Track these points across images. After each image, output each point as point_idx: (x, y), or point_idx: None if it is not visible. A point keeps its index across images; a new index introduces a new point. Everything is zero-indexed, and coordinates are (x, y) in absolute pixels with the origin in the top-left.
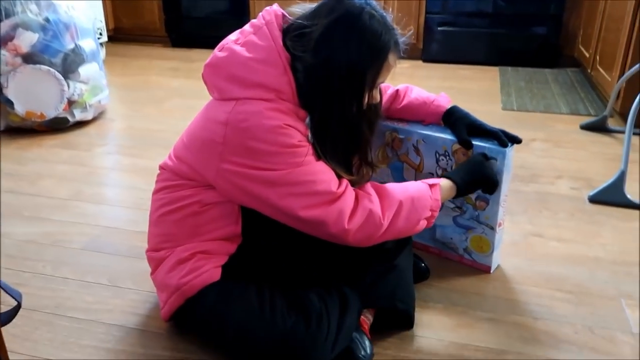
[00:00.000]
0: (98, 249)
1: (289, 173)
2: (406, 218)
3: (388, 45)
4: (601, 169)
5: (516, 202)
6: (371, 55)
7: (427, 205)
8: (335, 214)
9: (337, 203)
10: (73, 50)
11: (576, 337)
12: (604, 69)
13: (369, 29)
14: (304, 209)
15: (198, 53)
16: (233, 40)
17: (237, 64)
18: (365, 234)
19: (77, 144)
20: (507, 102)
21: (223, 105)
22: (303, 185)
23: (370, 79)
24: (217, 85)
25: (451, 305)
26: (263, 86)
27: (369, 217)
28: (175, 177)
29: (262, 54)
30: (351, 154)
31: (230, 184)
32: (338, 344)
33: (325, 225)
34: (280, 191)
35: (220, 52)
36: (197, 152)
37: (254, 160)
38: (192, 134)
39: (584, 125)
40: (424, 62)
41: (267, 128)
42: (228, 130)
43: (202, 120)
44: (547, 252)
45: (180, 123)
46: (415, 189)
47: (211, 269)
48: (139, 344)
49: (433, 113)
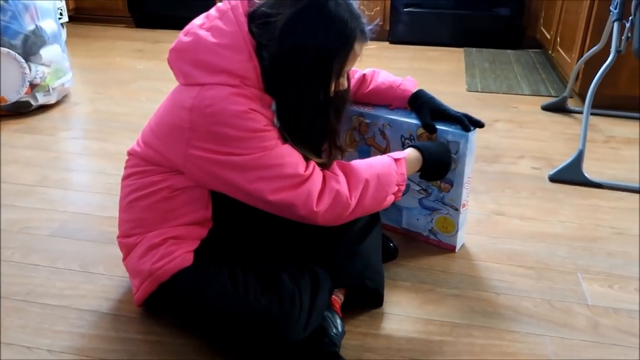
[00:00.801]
0: (67, 235)
1: (256, 157)
2: (373, 195)
3: (354, 33)
4: (561, 148)
5: (480, 182)
6: (338, 44)
7: (393, 181)
8: (304, 196)
9: (305, 185)
10: (33, 31)
11: (536, 310)
12: (564, 51)
13: (335, 17)
14: (273, 192)
15: (163, 34)
16: (198, 25)
17: (203, 50)
18: (334, 214)
19: (41, 129)
20: (471, 84)
21: (188, 91)
22: (271, 169)
23: (337, 67)
24: (182, 70)
25: (418, 283)
26: (228, 72)
27: (337, 197)
28: (144, 163)
29: (228, 39)
30: (319, 140)
31: (198, 169)
32: (311, 322)
33: (295, 207)
34: (248, 176)
35: (185, 36)
36: (164, 138)
37: (221, 146)
38: (159, 120)
39: (545, 105)
40: (390, 44)
41: (232, 113)
42: (194, 115)
43: (169, 105)
44: (509, 230)
45: (146, 105)
46: (380, 165)
47: (183, 254)
48: (113, 328)
49: (399, 97)
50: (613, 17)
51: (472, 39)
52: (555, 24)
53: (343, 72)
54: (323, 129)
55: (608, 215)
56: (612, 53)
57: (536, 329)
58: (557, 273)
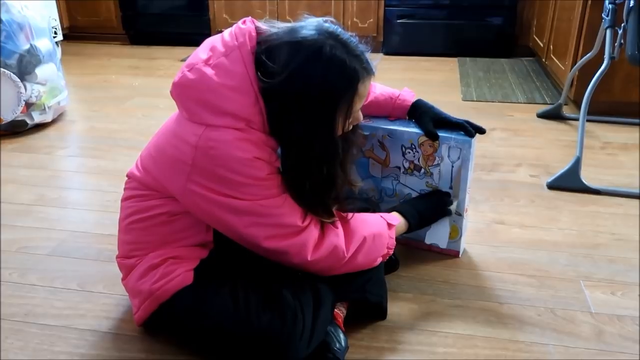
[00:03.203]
0: (65, 253)
1: (255, 204)
2: (366, 254)
3: (356, 73)
4: (558, 155)
5: (479, 191)
6: (340, 85)
7: (384, 243)
8: (298, 246)
9: (301, 235)
10: (28, 50)
11: (539, 319)
12: (558, 58)
13: (333, 60)
14: (268, 239)
15: (158, 50)
16: (203, 61)
17: (207, 90)
18: (327, 266)
19: (38, 147)
20: (466, 93)
21: (193, 127)
22: (268, 217)
23: (343, 108)
24: (186, 107)
25: (420, 294)
26: (233, 115)
27: (334, 251)
28: (143, 187)
29: (234, 80)
30: (324, 193)
31: (194, 203)
32: (314, 339)
33: (288, 255)
34: (244, 220)
35: (189, 72)
36: (164, 168)
37: (221, 187)
38: (160, 148)
39: (541, 113)
40: (385, 55)
41: (236, 159)
42: (197, 154)
43: (171, 135)
44: (509, 239)
45: (143, 122)
46: (377, 226)
47: (183, 273)
48: (114, 348)
49: (399, 107)
50: (605, 24)
51: (466, 48)
52: (547, 32)
53: (351, 113)
54: (329, 180)
55: (607, 221)
56: (605, 60)
57: (540, 338)
58: (559, 281)
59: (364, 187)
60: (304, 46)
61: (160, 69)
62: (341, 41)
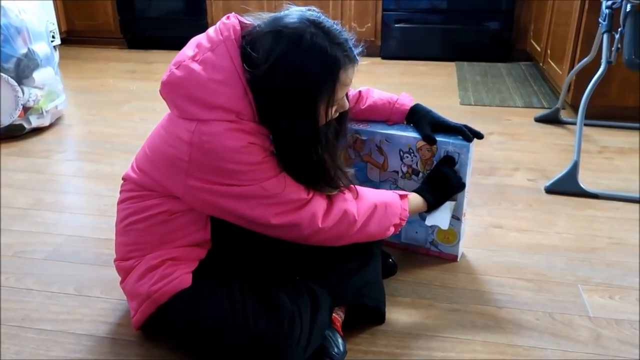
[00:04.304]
0: (62, 258)
1: (257, 187)
2: (378, 222)
3: (337, 61)
4: (555, 159)
5: (476, 195)
6: (321, 73)
7: (397, 213)
8: (308, 217)
9: (308, 206)
10: (26, 54)
11: (537, 323)
12: (555, 62)
13: (313, 48)
14: (277, 216)
15: (155, 54)
16: (190, 57)
17: (196, 85)
18: (338, 233)
19: (35, 151)
20: (464, 97)
21: (185, 124)
22: (273, 197)
23: (325, 96)
24: (176, 104)
25: (418, 298)
26: (223, 108)
27: (344, 216)
28: (140, 188)
29: (221, 74)
30: (319, 172)
31: (197, 198)
32: (311, 343)
33: (300, 227)
34: (250, 203)
35: (177, 69)
36: (162, 167)
37: (222, 178)
38: (155, 147)
39: (538, 117)
40: (382, 59)
41: (231, 149)
42: (193, 150)
43: (165, 133)
44: (507, 243)
45: (141, 126)
46: (387, 196)
47: (182, 275)
48: (111, 353)
49: (397, 112)
50: (602, 28)
51: (463, 53)
52: (545, 37)
53: (334, 101)
54: (320, 161)
55: (604, 225)
56: (602, 64)
57: (539, 342)
58: (556, 285)
59: None
60: (285, 35)
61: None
62: (323, 29)
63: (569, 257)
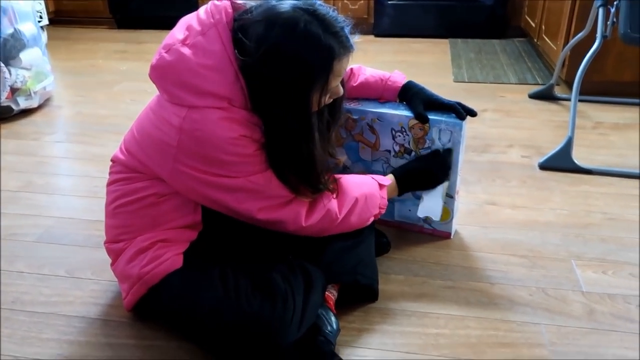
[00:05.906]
0: (53, 240)
1: (245, 180)
2: (359, 214)
3: (331, 48)
4: (550, 136)
5: (470, 172)
6: (315, 60)
7: (377, 203)
8: (293, 214)
9: (293, 204)
10: (12, 35)
11: (531, 298)
12: (550, 38)
13: (307, 35)
14: (261, 211)
15: (145, 34)
16: (180, 41)
17: (187, 71)
18: (321, 228)
19: (24, 134)
20: (458, 74)
21: (175, 109)
22: (259, 191)
23: (319, 84)
24: (166, 89)
25: (412, 276)
26: (215, 95)
27: (327, 214)
28: (128, 170)
29: (212, 59)
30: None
31: (183, 184)
32: (304, 322)
33: (283, 224)
34: (237, 196)
35: (166, 53)
36: (150, 151)
37: (210, 167)
38: (144, 130)
39: (532, 94)
40: (375, 37)
41: (222, 139)
42: (182, 136)
43: (154, 116)
44: (501, 219)
45: (131, 107)
46: (368, 187)
47: (172, 257)
48: (103, 334)
49: (389, 89)
50: (598, 2)
51: (457, 29)
52: (539, 12)
53: (327, 90)
54: (309, 154)
55: (599, 201)
56: (598, 39)
57: (532, 317)
58: (550, 261)
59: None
60: (279, 22)
61: (149, 53)
62: (318, 17)
63: (563, 233)
